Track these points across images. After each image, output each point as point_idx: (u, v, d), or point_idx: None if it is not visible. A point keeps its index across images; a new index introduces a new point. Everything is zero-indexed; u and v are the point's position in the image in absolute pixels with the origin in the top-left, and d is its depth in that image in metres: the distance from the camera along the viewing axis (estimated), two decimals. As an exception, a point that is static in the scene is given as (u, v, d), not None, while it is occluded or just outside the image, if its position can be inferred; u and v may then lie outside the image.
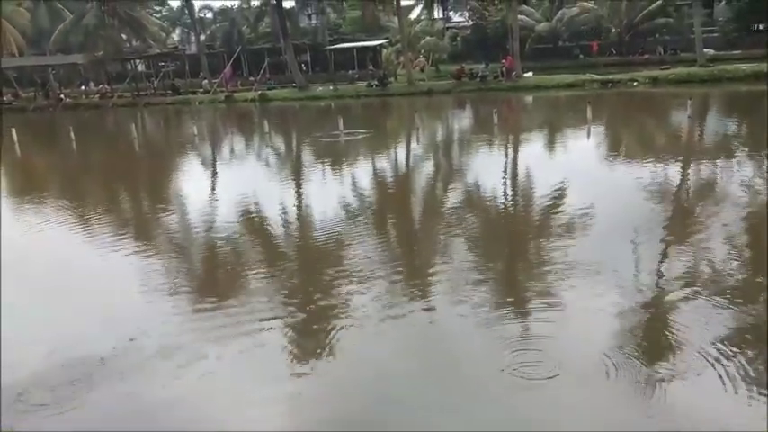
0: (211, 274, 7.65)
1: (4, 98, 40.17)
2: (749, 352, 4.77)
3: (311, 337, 5.57)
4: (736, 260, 6.85)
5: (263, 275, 7.20)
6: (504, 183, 11.95)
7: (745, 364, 4.56)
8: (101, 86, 41.44)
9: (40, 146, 23.98)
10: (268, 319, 5.82)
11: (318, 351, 5.20)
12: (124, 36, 42.59)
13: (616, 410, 4.25)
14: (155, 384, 4.84)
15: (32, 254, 8.73)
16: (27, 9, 47.17)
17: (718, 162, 12.33)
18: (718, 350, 4.76)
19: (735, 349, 4.79)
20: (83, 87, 43.91)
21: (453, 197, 11.20)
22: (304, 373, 4.91)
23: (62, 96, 39.34)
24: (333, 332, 5.47)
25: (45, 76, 42.04)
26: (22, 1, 47.63)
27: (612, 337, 5.12)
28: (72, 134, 23.50)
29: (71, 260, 8.40)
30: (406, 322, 5.69)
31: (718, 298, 5.75)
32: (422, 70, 36.90)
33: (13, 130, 22.15)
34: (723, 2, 39.78)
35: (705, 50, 29.88)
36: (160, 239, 9.18)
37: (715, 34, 37.97)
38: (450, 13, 54.45)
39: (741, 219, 8.33)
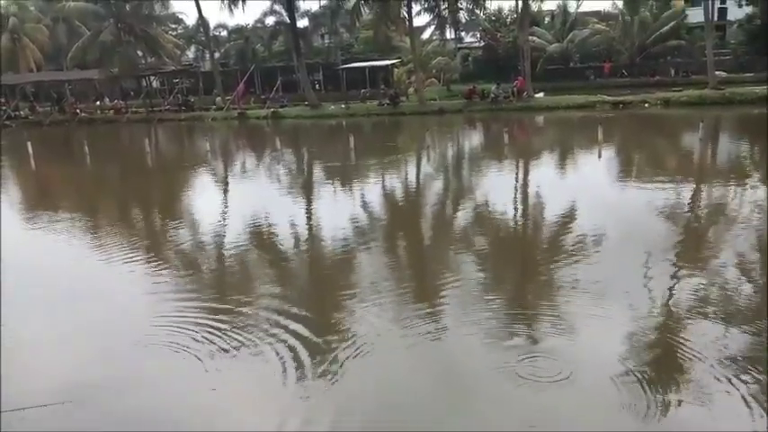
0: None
1: (20, 112, 40.75)
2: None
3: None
4: (748, 282, 6.82)
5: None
6: (524, 205, 12.00)
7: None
8: (115, 102, 41.96)
9: (55, 159, 24.18)
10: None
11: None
12: (139, 53, 43.05)
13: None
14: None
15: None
16: (46, 26, 48.04)
17: (731, 185, 12.28)
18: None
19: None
20: (98, 102, 44.40)
21: (465, 218, 11.27)
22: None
23: (77, 111, 39.83)
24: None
25: (61, 91, 42.64)
26: (41, 18, 48.54)
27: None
28: (86, 148, 23.69)
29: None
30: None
31: (729, 319, 5.74)
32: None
33: (29, 144, 22.39)
34: (735, 25, 39.92)
35: (717, 73, 29.81)
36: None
37: (727, 57, 37.94)
38: (462, 34, 54.63)
39: (754, 242, 8.28)
